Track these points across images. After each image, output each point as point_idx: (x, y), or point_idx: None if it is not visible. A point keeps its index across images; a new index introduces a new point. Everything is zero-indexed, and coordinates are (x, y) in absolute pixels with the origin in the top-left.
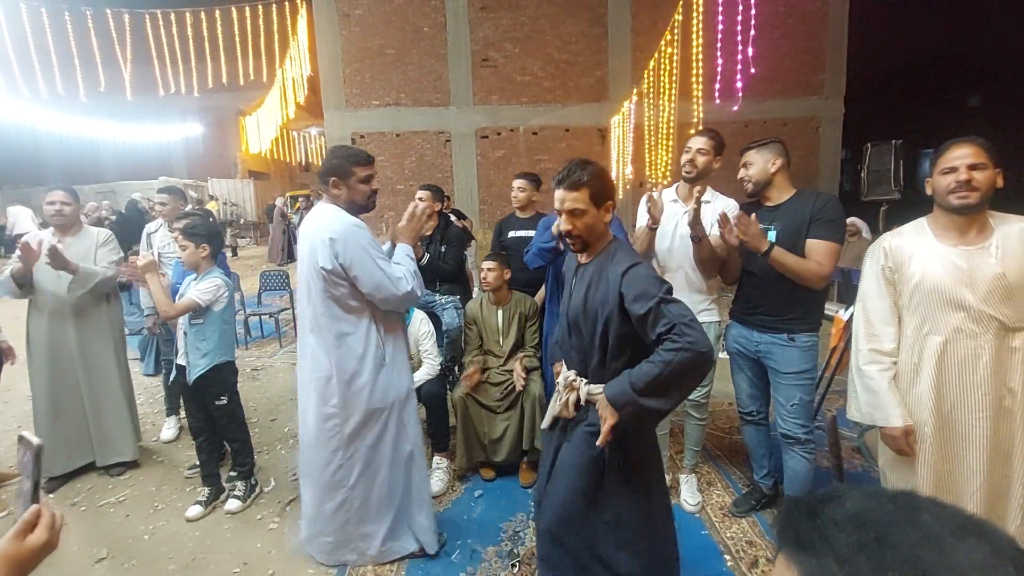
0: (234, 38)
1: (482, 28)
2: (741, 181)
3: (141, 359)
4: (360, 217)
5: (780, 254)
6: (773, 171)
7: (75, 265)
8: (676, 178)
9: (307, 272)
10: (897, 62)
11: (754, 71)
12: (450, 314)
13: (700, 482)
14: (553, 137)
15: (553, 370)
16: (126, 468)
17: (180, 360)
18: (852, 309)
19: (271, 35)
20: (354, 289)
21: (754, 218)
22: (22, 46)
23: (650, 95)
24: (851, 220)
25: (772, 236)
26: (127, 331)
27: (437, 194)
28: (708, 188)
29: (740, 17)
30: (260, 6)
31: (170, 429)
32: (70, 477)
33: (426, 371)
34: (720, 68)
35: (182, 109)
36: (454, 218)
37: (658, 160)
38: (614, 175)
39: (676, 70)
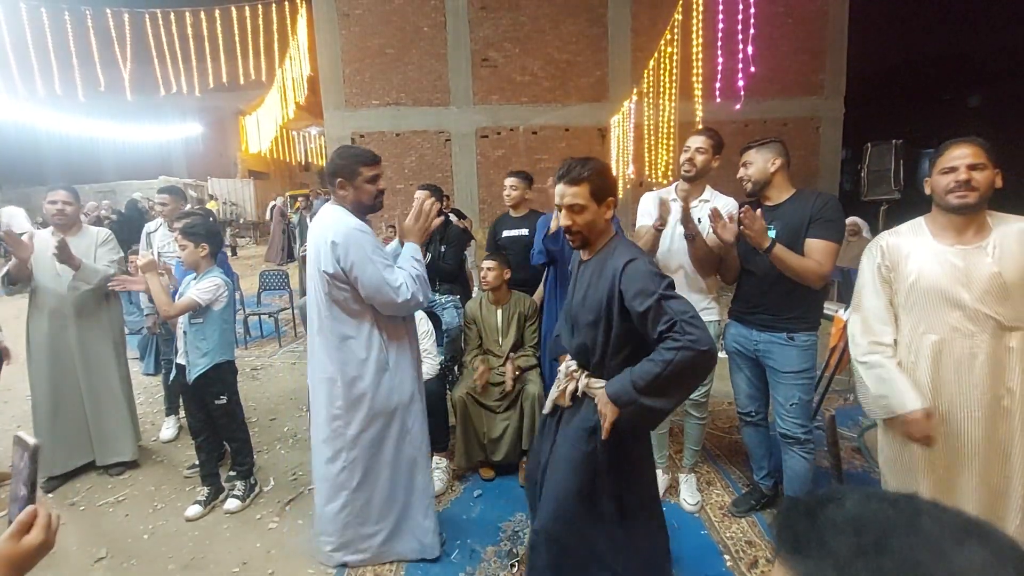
0: (234, 38)
1: (482, 28)
2: (741, 180)
3: (141, 359)
4: (365, 217)
5: (782, 251)
6: (773, 171)
7: (79, 260)
8: (676, 177)
9: (313, 274)
10: (897, 62)
11: (754, 70)
12: (450, 313)
13: (699, 482)
14: (553, 137)
15: (559, 364)
16: (125, 468)
17: (180, 359)
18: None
19: (271, 35)
20: (356, 293)
21: (759, 213)
22: (22, 46)
23: (650, 95)
24: (852, 220)
25: (772, 236)
26: (127, 330)
27: (436, 193)
28: (707, 187)
29: (740, 17)
30: (260, 6)
31: (169, 429)
32: (69, 477)
33: (425, 370)
34: (720, 68)
35: (182, 109)
36: (454, 218)
37: (658, 160)
38: (614, 174)
39: (676, 70)
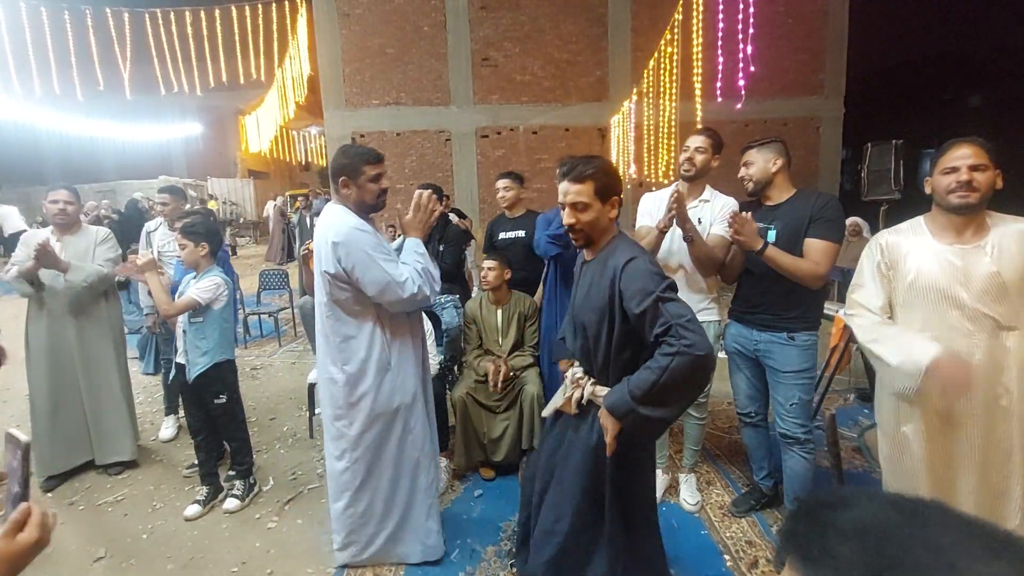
0: (234, 37)
1: (482, 27)
2: (742, 180)
3: (140, 358)
4: (368, 216)
5: (774, 253)
6: (774, 170)
7: (66, 263)
8: (677, 177)
9: (318, 274)
10: (897, 62)
11: (753, 69)
12: (449, 313)
13: (699, 481)
14: (553, 137)
15: (559, 367)
16: (124, 467)
17: (179, 358)
18: None
19: (271, 34)
20: (358, 293)
21: (749, 216)
22: (21, 45)
23: (650, 95)
24: (853, 220)
25: (772, 235)
26: (126, 330)
27: (436, 193)
28: (707, 187)
29: (740, 17)
30: (260, 5)
31: (169, 428)
32: (68, 476)
33: None
34: (721, 67)
35: (182, 108)
36: (455, 218)
37: (658, 160)
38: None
39: (676, 70)
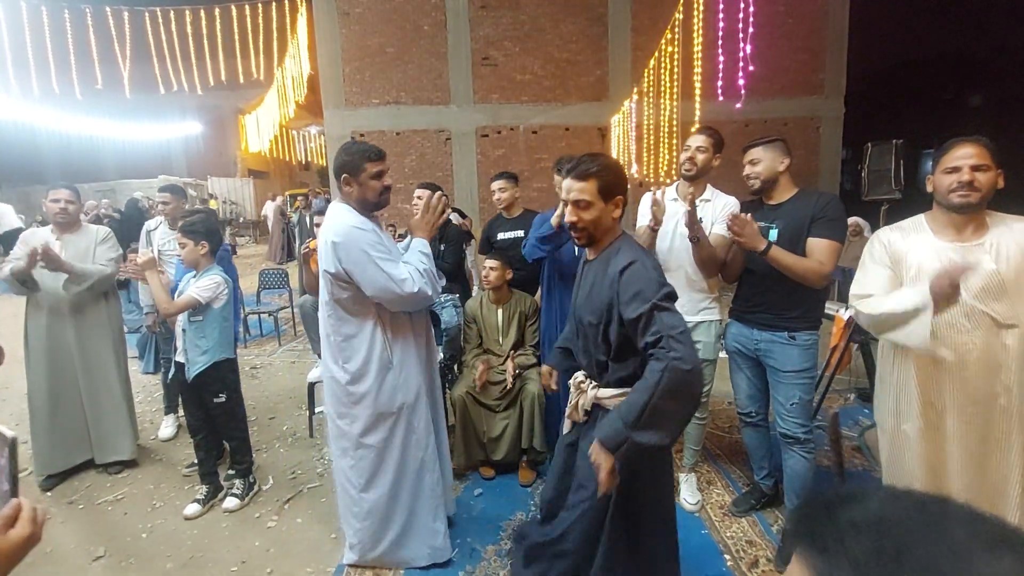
0: (234, 36)
1: (482, 27)
2: (746, 178)
3: (140, 357)
4: (371, 214)
5: (778, 253)
6: (781, 170)
7: (70, 265)
8: (677, 177)
9: (321, 273)
10: (897, 62)
11: (753, 69)
12: (449, 312)
13: (700, 481)
14: (553, 136)
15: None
16: (124, 466)
17: (179, 357)
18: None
19: (271, 33)
20: (358, 292)
21: (749, 217)
22: (21, 44)
23: (650, 94)
24: (854, 220)
25: (774, 234)
26: (126, 329)
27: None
28: (708, 186)
29: (740, 16)
30: (260, 4)
31: (168, 427)
32: (68, 475)
33: None
34: (721, 67)
35: (182, 107)
36: (456, 218)
37: (659, 159)
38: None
39: (676, 69)
